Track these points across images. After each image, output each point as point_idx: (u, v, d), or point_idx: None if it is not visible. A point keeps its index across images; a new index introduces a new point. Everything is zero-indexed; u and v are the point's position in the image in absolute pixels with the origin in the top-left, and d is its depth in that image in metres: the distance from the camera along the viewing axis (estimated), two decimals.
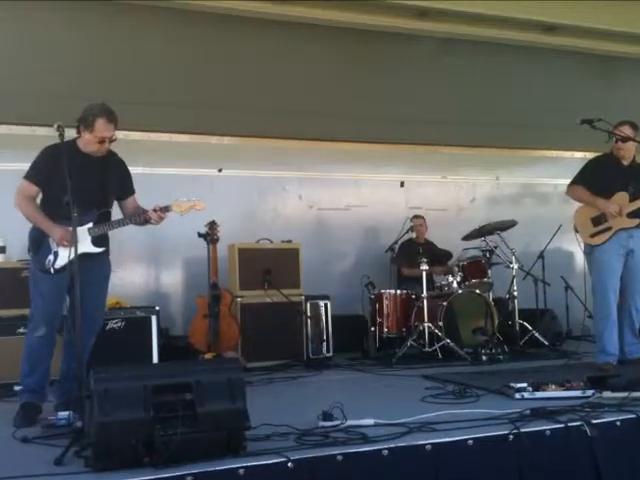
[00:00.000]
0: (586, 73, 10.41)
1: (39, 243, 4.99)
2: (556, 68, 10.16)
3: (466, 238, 8.73)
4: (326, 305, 8.17)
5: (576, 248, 7.09)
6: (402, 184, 9.90)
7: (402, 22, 9.03)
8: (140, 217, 5.08)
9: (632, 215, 6.49)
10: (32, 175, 5.02)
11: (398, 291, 8.34)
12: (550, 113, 9.77)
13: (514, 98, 9.92)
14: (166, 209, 5.06)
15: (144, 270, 8.60)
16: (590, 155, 7.38)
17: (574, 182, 6.76)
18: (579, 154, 10.25)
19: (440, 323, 7.88)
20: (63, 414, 4.54)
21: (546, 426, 4.15)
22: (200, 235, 7.52)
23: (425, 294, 7.98)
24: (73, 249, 4.55)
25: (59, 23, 8.01)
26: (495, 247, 8.54)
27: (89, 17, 8.03)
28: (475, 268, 8.39)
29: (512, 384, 5.19)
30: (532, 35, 9.68)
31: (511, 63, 9.92)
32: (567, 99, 9.83)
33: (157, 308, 7.25)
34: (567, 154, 10.68)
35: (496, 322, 8.12)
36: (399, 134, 9.47)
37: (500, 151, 10.39)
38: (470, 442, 3.94)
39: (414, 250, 8.40)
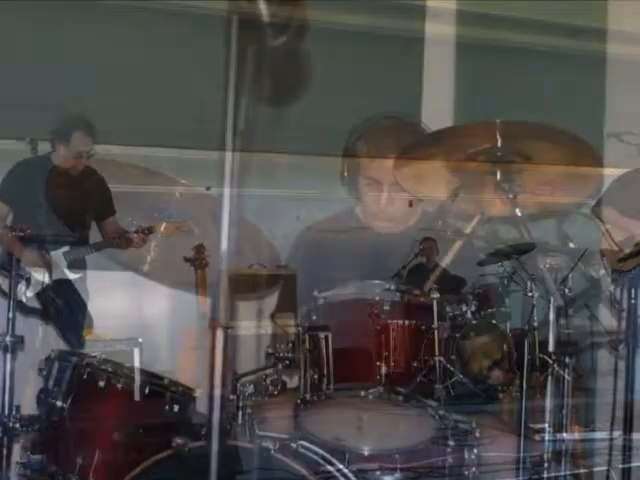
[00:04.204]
0: (613, 80, 10.45)
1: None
2: (580, 75, 10.20)
3: (481, 263, 8.75)
4: (327, 337, 8.17)
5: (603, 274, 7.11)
6: (410, 203, 9.92)
7: (411, 24, 9.08)
8: (121, 239, 5.12)
9: None
10: (1, 194, 5.06)
11: (406, 321, 8.36)
12: (573, 124, 9.75)
13: (532, 107, 9.95)
14: (150, 230, 5.10)
15: (125, 298, 8.62)
16: (618, 172, 7.42)
17: (600, 201, 6.80)
18: (606, 170, 10.31)
19: (452, 357, 7.89)
20: (36, 458, 4.55)
21: (569, 471, 4.16)
22: (187, 260, 7.56)
23: (436, 325, 7.98)
24: (47, 275, 4.59)
25: (26, 23, 7.96)
26: (513, 273, 8.56)
27: (61, 16, 7.96)
28: (491, 296, 8.42)
29: (531, 424, 5.21)
30: (554, 39, 9.74)
31: (530, 69, 9.96)
32: (591, 109, 9.87)
33: (140, 340, 7.28)
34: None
35: (514, 356, 8.14)
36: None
37: (519, 166, 10.40)
38: None
39: (424, 276, 8.42)
